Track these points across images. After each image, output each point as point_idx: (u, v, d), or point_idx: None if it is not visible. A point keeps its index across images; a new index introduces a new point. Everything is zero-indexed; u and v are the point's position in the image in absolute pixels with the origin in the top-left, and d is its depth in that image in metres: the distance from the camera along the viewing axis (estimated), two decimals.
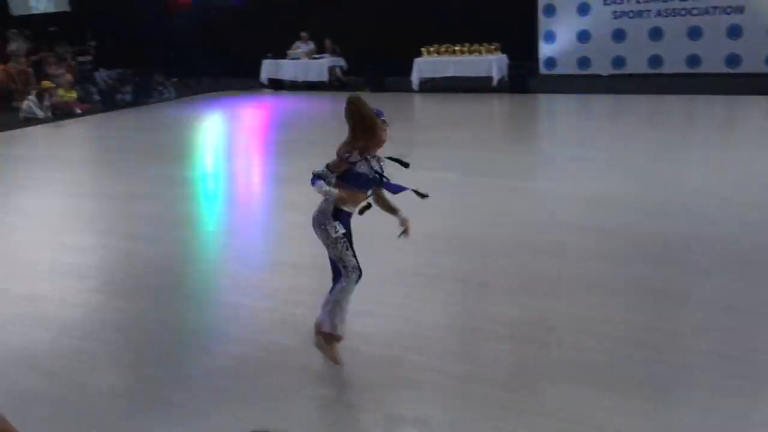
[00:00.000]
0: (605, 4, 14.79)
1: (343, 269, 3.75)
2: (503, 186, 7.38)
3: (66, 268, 5.55)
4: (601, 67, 14.82)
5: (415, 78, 15.37)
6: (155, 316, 4.61)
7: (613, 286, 4.67)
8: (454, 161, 8.61)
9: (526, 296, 4.58)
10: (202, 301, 4.85)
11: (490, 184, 7.47)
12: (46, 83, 14.82)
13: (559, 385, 3.51)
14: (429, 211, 6.58)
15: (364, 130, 3.70)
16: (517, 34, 15.13)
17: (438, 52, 15.45)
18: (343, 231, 3.70)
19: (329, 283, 4.99)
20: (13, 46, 17.13)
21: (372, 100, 4.06)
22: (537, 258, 5.24)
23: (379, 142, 3.80)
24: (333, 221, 3.68)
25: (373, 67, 15.76)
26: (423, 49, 15.55)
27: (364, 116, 3.70)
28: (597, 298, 4.50)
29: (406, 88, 15.43)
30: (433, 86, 15.42)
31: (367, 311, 4.40)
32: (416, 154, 9.05)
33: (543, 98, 13.84)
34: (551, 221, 6.09)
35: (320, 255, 5.61)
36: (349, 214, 3.77)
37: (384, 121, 3.80)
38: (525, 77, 14.43)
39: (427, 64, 15.38)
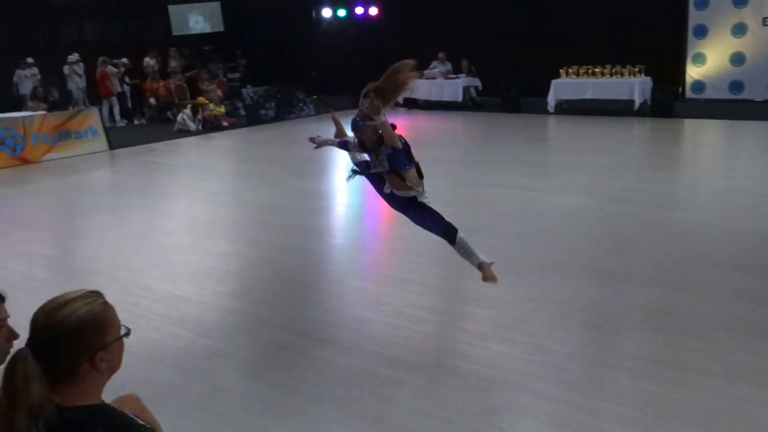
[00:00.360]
0: (765, 24, 13.83)
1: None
2: (641, 215, 7.04)
3: (206, 272, 5.88)
4: (756, 92, 13.84)
5: (551, 99, 15.08)
6: (283, 323, 4.77)
7: (755, 328, 4.31)
8: (590, 186, 8.33)
9: (659, 332, 4.32)
10: (328, 312, 4.96)
11: (626, 212, 7.15)
12: (201, 99, 15.88)
13: (688, 428, 3.27)
14: (563, 238, 6.42)
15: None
16: (663, 56, 14.50)
17: (577, 74, 15.07)
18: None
19: (456, 305, 4.99)
20: (173, 64, 18.54)
21: (505, 120, 4.01)
22: (673, 292, 4.94)
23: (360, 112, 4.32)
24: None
25: (508, 88, 15.63)
26: (561, 71, 15.23)
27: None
28: (735, 339, 4.16)
29: (541, 109, 15.16)
30: (570, 108, 15.05)
31: (500, 337, 4.34)
32: (550, 178, 8.92)
33: (689, 123, 13.12)
34: (691, 254, 5.73)
35: (447, 276, 5.65)
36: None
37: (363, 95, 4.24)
38: (669, 101, 13.75)
39: (565, 86, 15.04)
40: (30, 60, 16.73)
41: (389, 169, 4.37)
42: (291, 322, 4.78)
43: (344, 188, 9.47)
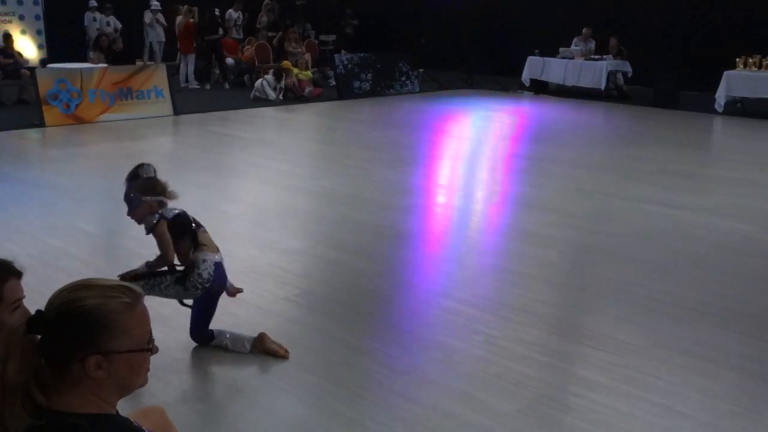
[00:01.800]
0: None
1: None
2: None
3: (266, 270, 6.00)
4: None
5: (720, 96, 14.49)
6: (352, 342, 4.78)
7: None
8: (758, 211, 7.95)
9: None
10: (406, 334, 4.94)
11: None
12: (285, 64, 16.24)
13: None
14: (716, 273, 6.15)
15: None
16: None
17: (759, 66, 14.41)
18: None
19: (567, 343, 4.86)
20: (264, 19, 19.02)
21: (657, 117, 3.86)
22: None
23: None
24: None
25: (664, 77, 15.13)
26: (738, 60, 14.61)
27: None
28: None
29: (706, 107, 14.59)
30: (745, 109, 14.41)
31: (618, 390, 4.20)
32: (706, 195, 8.57)
33: None
34: None
35: (562, 305, 5.52)
36: None
37: None
38: None
39: (741, 80, 14.41)
40: (93, 3, 17.64)
41: None
42: (360, 342, 4.79)
43: (446, 185, 9.45)
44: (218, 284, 4.49)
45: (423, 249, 6.96)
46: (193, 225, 4.54)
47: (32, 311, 1.98)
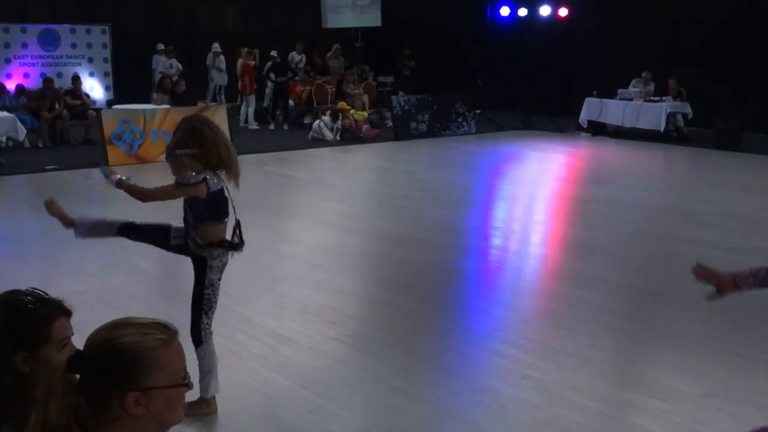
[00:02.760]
0: None
1: None
2: None
3: (318, 310, 6.03)
4: None
5: None
6: (400, 386, 4.77)
7: None
8: None
9: None
10: (454, 378, 4.91)
11: None
12: (342, 104, 16.46)
13: None
14: None
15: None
16: None
17: None
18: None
19: (620, 390, 4.76)
20: (334, 63, 19.34)
21: (718, 159, 3.80)
22: None
23: None
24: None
25: (725, 118, 14.87)
26: None
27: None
28: None
29: None
30: None
31: None
32: None
33: None
34: None
35: (615, 351, 5.41)
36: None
37: None
38: None
39: None
40: (160, 46, 18.19)
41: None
42: (408, 384, 4.78)
43: (500, 227, 9.41)
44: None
45: (474, 290, 6.93)
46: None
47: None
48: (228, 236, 4.45)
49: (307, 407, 4.47)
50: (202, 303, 4.33)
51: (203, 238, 4.31)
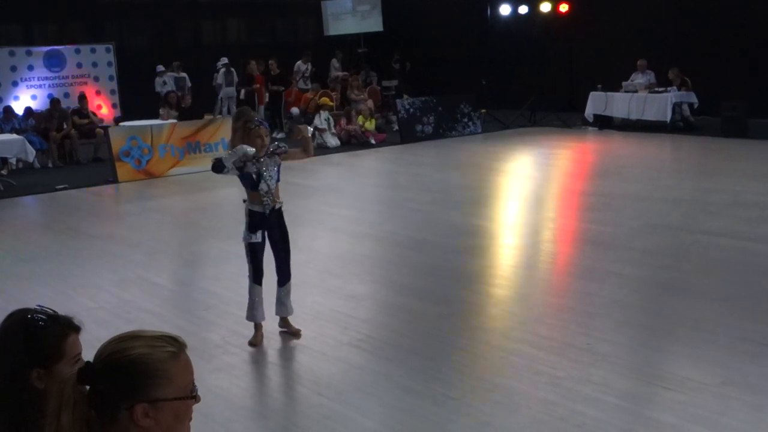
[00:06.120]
0: None
1: None
2: None
3: (331, 315, 6.05)
4: None
5: None
6: (416, 388, 4.78)
7: None
8: None
9: None
10: (468, 376, 4.91)
11: None
12: (324, 100, 16.61)
13: None
14: None
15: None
16: None
17: None
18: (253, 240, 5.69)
19: (635, 383, 4.75)
20: (334, 73, 19.45)
21: (726, 147, 3.80)
22: None
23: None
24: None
25: (731, 106, 14.81)
26: None
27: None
28: None
29: None
30: None
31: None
32: None
33: None
34: None
35: (628, 345, 5.40)
36: (262, 214, 5.74)
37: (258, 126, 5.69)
38: None
39: None
40: (160, 68, 18.30)
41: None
42: (422, 386, 4.78)
43: (510, 225, 9.40)
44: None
45: (486, 290, 6.92)
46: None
47: None
48: None
49: (322, 413, 4.48)
50: None
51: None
